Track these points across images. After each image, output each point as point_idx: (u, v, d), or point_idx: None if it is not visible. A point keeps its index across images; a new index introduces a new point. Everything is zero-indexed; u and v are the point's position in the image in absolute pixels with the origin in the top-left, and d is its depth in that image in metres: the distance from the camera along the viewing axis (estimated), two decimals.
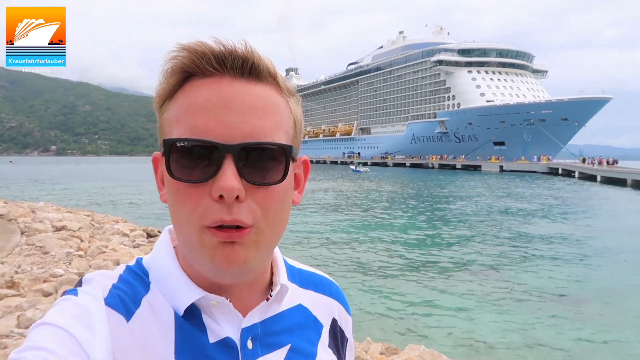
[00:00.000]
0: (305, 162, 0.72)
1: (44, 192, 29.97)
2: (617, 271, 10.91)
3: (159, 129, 0.64)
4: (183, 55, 0.60)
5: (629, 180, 38.04)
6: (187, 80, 0.61)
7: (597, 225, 18.16)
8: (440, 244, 13.86)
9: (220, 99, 0.59)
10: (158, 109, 0.64)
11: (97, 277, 0.64)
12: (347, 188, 36.65)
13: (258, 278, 0.70)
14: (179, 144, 0.59)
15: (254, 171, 0.59)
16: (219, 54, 0.60)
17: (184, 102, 0.61)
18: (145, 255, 0.72)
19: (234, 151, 0.57)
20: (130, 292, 0.64)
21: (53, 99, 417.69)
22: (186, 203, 0.59)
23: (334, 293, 0.84)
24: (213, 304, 0.65)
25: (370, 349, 4.58)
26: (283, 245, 11.80)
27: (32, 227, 8.88)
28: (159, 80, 0.63)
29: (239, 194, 0.57)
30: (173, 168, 0.59)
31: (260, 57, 0.62)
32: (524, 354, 6.02)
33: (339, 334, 0.81)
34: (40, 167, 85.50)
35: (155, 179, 0.68)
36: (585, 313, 7.86)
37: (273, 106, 0.62)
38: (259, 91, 0.61)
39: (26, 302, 4.75)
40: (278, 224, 0.63)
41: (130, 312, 0.61)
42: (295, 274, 0.80)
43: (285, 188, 0.63)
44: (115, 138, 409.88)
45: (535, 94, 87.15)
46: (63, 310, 0.57)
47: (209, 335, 0.64)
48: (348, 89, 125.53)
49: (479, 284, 9.43)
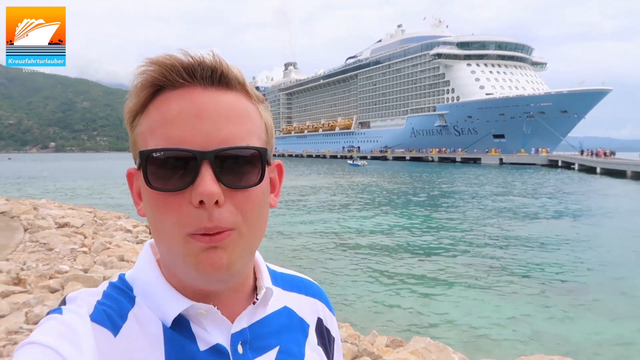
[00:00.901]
0: (279, 166, 0.73)
1: (44, 189, 29.99)
2: (621, 261, 10.94)
3: (132, 144, 0.65)
4: (152, 69, 0.61)
5: (629, 171, 38.12)
6: (157, 94, 0.62)
7: (598, 216, 18.20)
8: (443, 237, 13.89)
9: (193, 108, 0.60)
10: (129, 125, 0.65)
11: (81, 295, 0.64)
12: (347, 182, 36.68)
13: (242, 283, 0.71)
14: (155, 155, 0.59)
15: (231, 175, 0.60)
16: (188, 66, 0.60)
17: (156, 114, 0.61)
18: (127, 271, 0.72)
19: (210, 157, 0.58)
20: (115, 307, 0.64)
21: (52, 96, 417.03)
22: (167, 213, 0.59)
23: (316, 294, 0.85)
24: (201, 312, 0.65)
25: (377, 342, 4.62)
26: (285, 240, 11.86)
27: (35, 224, 8.90)
28: (129, 95, 0.64)
29: (218, 198, 0.58)
30: (151, 179, 0.60)
31: (228, 66, 0.63)
32: (530, 346, 6.05)
33: (325, 333, 0.82)
34: (40, 164, 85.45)
35: (131, 194, 0.68)
36: (589, 304, 7.90)
37: (244, 113, 0.63)
38: (229, 99, 0.62)
39: (33, 298, 4.77)
40: (258, 226, 0.65)
41: (117, 326, 0.61)
42: (277, 277, 0.81)
43: (263, 190, 0.64)
44: (114, 134, 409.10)
45: (534, 87, 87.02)
46: (48, 329, 0.57)
47: (198, 344, 0.64)
48: (347, 83, 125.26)
49: (483, 275, 9.47)
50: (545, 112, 72.28)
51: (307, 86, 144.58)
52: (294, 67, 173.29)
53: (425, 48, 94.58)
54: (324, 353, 0.79)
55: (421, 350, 4.14)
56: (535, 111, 72.83)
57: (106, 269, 6.32)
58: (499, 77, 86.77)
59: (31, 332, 0.48)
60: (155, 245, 0.69)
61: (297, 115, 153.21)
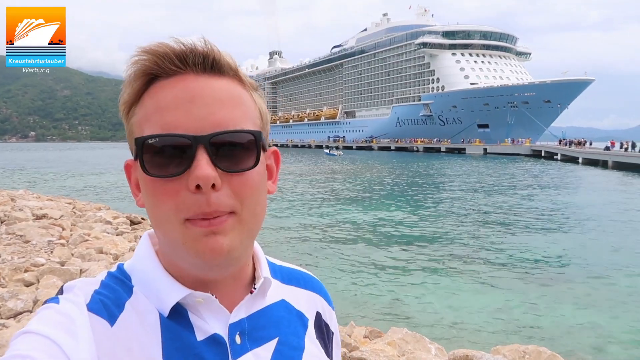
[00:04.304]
0: (276, 153, 0.73)
1: (23, 179, 29.46)
2: (599, 250, 11.15)
3: (128, 135, 0.65)
4: (145, 59, 0.61)
5: (610, 161, 38.72)
6: (152, 83, 0.62)
7: (578, 205, 18.51)
8: (423, 227, 13.99)
9: (186, 94, 0.60)
10: (125, 116, 0.65)
11: (79, 284, 0.64)
12: (325, 172, 36.69)
13: (241, 272, 0.71)
14: (151, 141, 0.59)
15: (227, 159, 0.60)
16: (180, 53, 0.61)
17: (150, 103, 0.62)
18: (126, 261, 0.72)
19: (205, 141, 0.59)
20: (112, 296, 0.64)
21: (31, 84, 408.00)
22: (164, 200, 0.60)
23: (316, 288, 0.85)
24: (199, 301, 0.65)
25: (354, 333, 4.64)
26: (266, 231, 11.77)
27: (12, 216, 8.74)
28: (123, 86, 0.64)
29: (214, 181, 0.58)
30: (147, 166, 0.60)
31: (220, 52, 0.63)
32: (506, 335, 6.15)
33: (324, 327, 0.82)
34: (19, 154, 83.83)
35: (130, 186, 0.69)
36: (568, 292, 8.04)
37: (238, 98, 0.63)
38: (222, 84, 0.62)
39: (7, 292, 4.70)
40: (257, 211, 0.64)
41: (114, 316, 0.61)
42: (277, 270, 0.81)
43: (259, 174, 0.64)
44: (96, 123, 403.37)
45: (518, 77, 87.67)
46: (45, 318, 0.57)
47: (196, 333, 0.64)
48: (332, 72, 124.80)
49: (462, 266, 9.57)
50: (529, 102, 72.97)
51: (292, 75, 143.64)
52: (279, 55, 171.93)
53: (411, 37, 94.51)
54: (323, 347, 0.79)
55: (398, 341, 4.17)
56: (519, 101, 73.46)
57: (84, 261, 6.24)
58: (484, 66, 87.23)
59: (4, 327, 0.44)
60: (154, 236, 0.70)
61: (282, 105, 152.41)
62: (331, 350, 0.82)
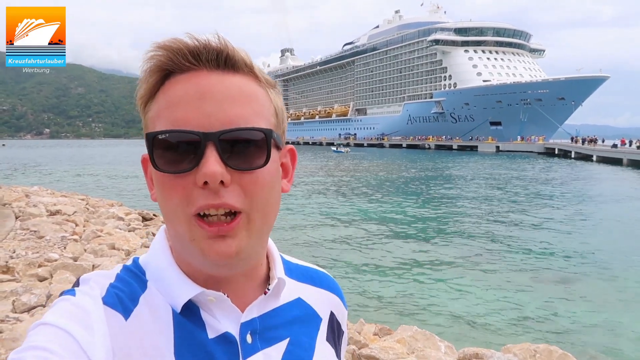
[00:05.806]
0: (292, 151, 0.73)
1: (37, 176, 29.86)
2: (612, 249, 10.99)
3: (144, 129, 0.65)
4: (160, 54, 0.61)
5: (625, 159, 38.20)
6: (167, 79, 0.63)
7: (593, 204, 18.29)
8: (434, 225, 13.93)
9: (197, 90, 0.60)
10: (142, 110, 0.66)
11: (94, 277, 0.65)
12: (335, 169, 36.64)
13: (254, 271, 0.71)
14: (161, 137, 0.60)
15: (236, 157, 0.60)
16: (194, 49, 0.61)
17: (163, 98, 0.62)
18: (141, 255, 0.72)
19: (214, 138, 0.58)
20: (127, 290, 0.64)
21: (45, 81, 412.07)
22: (173, 195, 0.60)
23: (331, 287, 0.84)
24: (211, 299, 0.65)
25: (364, 330, 4.63)
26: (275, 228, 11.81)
27: (26, 212, 8.86)
28: (139, 82, 0.65)
29: (222, 178, 0.58)
30: (157, 161, 0.60)
31: (234, 48, 0.63)
32: (517, 334, 6.10)
33: (336, 327, 0.81)
34: (34, 151, 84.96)
35: (146, 179, 0.69)
36: (581, 291, 7.95)
37: (250, 94, 0.63)
38: (235, 81, 0.62)
39: (21, 286, 4.76)
40: (267, 210, 0.64)
41: (129, 310, 0.62)
42: (292, 269, 0.80)
43: (270, 173, 0.64)
44: (109, 121, 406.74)
45: (532, 74, 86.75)
46: (61, 310, 0.58)
47: (208, 331, 0.64)
48: (344, 69, 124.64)
49: (472, 264, 9.51)
50: (542, 99, 72.18)
51: (303, 72, 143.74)
52: (290, 53, 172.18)
53: (423, 34, 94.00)
54: (333, 347, 0.78)
55: (408, 339, 4.16)
56: (532, 98, 72.71)
57: (96, 257, 6.31)
58: (497, 63, 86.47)
59: (18, 321, 0.57)
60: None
61: (293, 102, 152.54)
62: (340, 349, 0.82)
